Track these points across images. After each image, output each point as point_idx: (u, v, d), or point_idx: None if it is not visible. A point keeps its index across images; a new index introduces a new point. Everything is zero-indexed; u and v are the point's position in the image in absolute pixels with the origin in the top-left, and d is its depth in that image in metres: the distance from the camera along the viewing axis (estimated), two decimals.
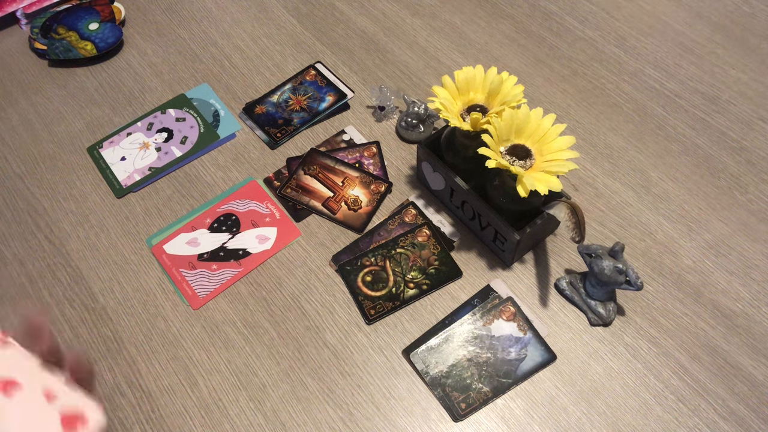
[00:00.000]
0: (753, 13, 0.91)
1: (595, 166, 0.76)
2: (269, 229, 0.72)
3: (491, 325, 0.64)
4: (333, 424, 0.60)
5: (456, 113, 0.65)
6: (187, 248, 0.71)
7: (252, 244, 0.71)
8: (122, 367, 0.63)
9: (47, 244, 0.72)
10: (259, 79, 0.86)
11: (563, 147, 0.61)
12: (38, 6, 0.92)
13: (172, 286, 0.68)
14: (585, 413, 0.60)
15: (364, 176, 0.75)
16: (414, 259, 0.69)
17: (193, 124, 0.81)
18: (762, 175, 0.75)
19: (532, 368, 0.62)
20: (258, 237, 0.71)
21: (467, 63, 0.86)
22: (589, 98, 0.82)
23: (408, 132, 0.78)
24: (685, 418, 0.59)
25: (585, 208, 0.72)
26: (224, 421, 0.60)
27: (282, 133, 0.80)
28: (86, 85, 0.86)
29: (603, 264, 0.61)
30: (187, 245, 0.71)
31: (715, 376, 0.61)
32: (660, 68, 0.85)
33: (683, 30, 0.89)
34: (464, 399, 0.60)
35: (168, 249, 0.71)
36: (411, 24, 0.91)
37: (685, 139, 0.78)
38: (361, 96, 0.83)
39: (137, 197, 0.75)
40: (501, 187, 0.63)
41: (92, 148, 0.80)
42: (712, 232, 0.71)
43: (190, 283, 0.68)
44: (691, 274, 0.68)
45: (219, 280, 0.68)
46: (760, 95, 0.82)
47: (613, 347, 0.63)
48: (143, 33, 0.92)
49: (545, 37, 0.89)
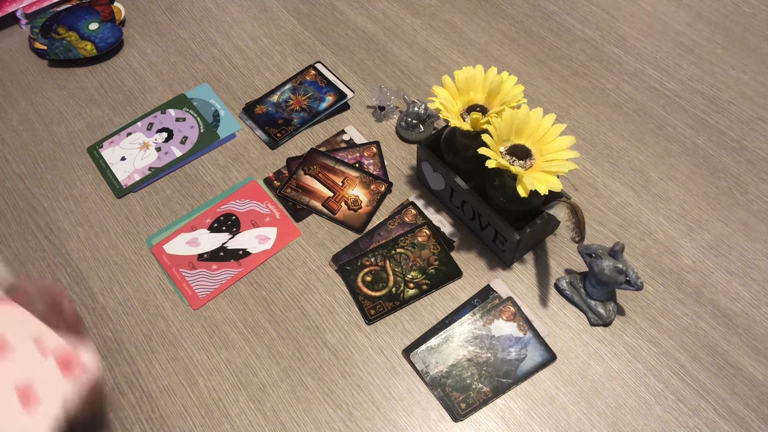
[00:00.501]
0: (753, 13, 0.91)
1: (595, 166, 0.76)
2: (269, 229, 0.72)
3: (491, 325, 0.64)
4: (333, 424, 0.60)
5: (456, 113, 0.65)
6: (187, 248, 0.71)
7: (252, 244, 0.71)
8: (122, 367, 0.63)
9: (47, 244, 0.72)
10: (259, 79, 0.86)
11: (563, 147, 0.61)
12: (38, 6, 0.92)
13: (172, 286, 0.68)
14: (585, 413, 0.60)
15: (364, 176, 0.76)
16: (414, 259, 0.69)
17: (193, 124, 0.81)
18: (762, 175, 0.75)
19: (532, 368, 0.62)
20: (258, 237, 0.71)
21: (467, 63, 0.86)
22: (589, 98, 0.82)
23: (408, 132, 0.78)
24: (685, 418, 0.59)
25: (585, 208, 0.72)
26: (224, 421, 0.60)
27: (282, 133, 0.80)
28: (86, 85, 0.86)
29: (603, 264, 0.61)
30: (187, 245, 0.71)
31: (715, 376, 0.61)
32: (660, 68, 0.85)
33: (683, 30, 0.89)
34: (464, 399, 0.60)
35: (168, 249, 0.71)
36: (411, 24, 0.91)
37: (685, 139, 0.78)
38: (361, 96, 0.83)
39: (137, 197, 0.75)
40: (501, 187, 0.63)
41: (92, 148, 0.80)
42: (712, 232, 0.71)
43: (190, 283, 0.68)
44: (691, 274, 0.68)
45: (219, 280, 0.68)
46: (760, 95, 0.82)
47: (613, 347, 0.63)
48: (143, 33, 0.92)
49: (545, 37, 0.89)
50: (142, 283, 0.69)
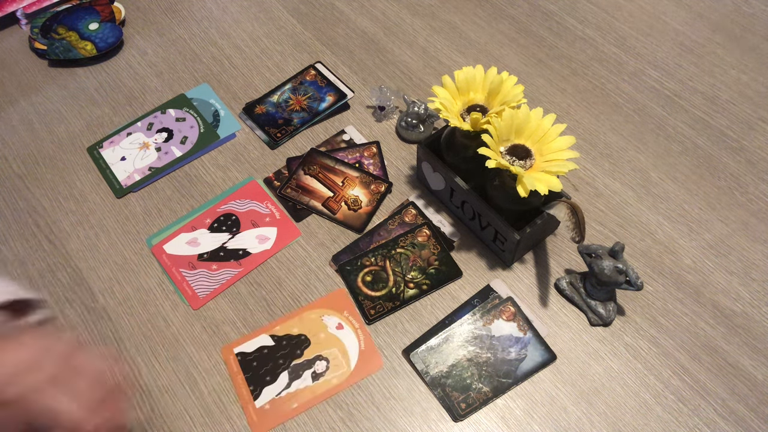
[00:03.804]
0: (753, 13, 0.91)
1: (595, 166, 0.76)
2: (269, 229, 0.72)
3: (491, 325, 0.64)
4: (333, 424, 0.60)
5: (456, 113, 0.65)
6: (187, 248, 0.71)
7: (252, 244, 0.71)
8: (122, 367, 0.63)
9: (47, 244, 0.72)
10: (259, 79, 0.86)
11: (563, 147, 0.61)
12: (38, 6, 0.92)
13: (172, 286, 0.68)
14: (585, 413, 0.60)
15: (364, 176, 0.75)
16: (414, 259, 0.69)
17: (193, 124, 0.81)
18: (762, 175, 0.75)
19: (532, 368, 0.62)
20: (258, 237, 0.71)
21: (467, 63, 0.86)
22: (589, 98, 0.82)
23: (408, 132, 0.78)
24: (685, 418, 0.59)
25: (585, 208, 0.72)
26: (224, 421, 0.60)
27: (282, 133, 0.80)
28: (86, 85, 0.86)
29: (603, 264, 0.61)
30: (187, 245, 0.71)
31: (715, 376, 0.61)
32: (660, 68, 0.85)
33: (683, 30, 0.89)
34: (464, 399, 0.60)
35: (168, 249, 0.71)
36: (411, 24, 0.91)
37: (685, 139, 0.78)
38: (361, 96, 0.83)
39: (137, 197, 0.75)
40: (501, 187, 0.63)
41: (92, 148, 0.80)
42: (712, 232, 0.71)
43: (190, 283, 0.68)
44: (691, 274, 0.68)
45: (219, 280, 0.68)
46: (760, 95, 0.82)
47: (613, 347, 0.63)
48: (143, 33, 0.92)
49: (545, 37, 0.89)
50: (142, 283, 0.69)
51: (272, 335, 0.64)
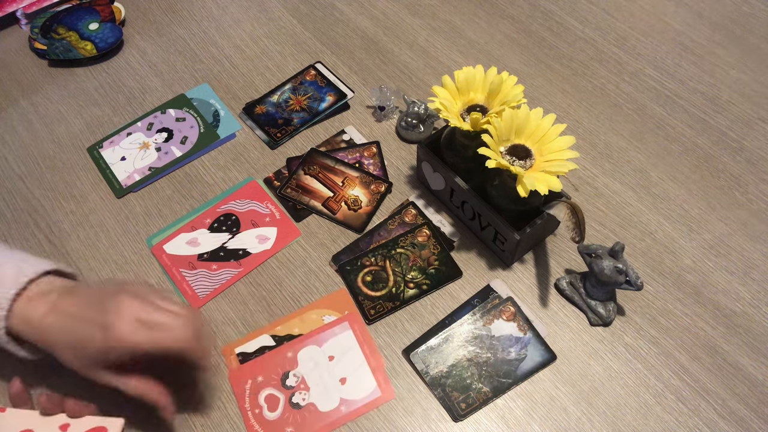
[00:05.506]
0: (753, 13, 0.91)
1: (595, 166, 0.76)
2: (269, 229, 0.72)
3: (491, 325, 0.64)
4: None
5: (456, 113, 0.65)
6: (187, 248, 0.71)
7: (252, 244, 0.71)
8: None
9: (47, 244, 0.72)
10: (259, 79, 0.86)
11: (563, 147, 0.61)
12: (38, 6, 0.92)
13: (172, 286, 0.68)
14: (585, 413, 0.60)
15: (364, 176, 0.76)
16: (414, 259, 0.69)
17: (193, 124, 0.81)
18: (762, 175, 0.75)
19: (532, 368, 0.62)
20: (258, 237, 0.71)
21: (467, 63, 0.86)
22: (589, 98, 0.82)
23: (408, 132, 0.78)
24: (685, 418, 0.59)
25: (585, 208, 0.72)
26: (224, 422, 0.60)
27: (282, 133, 0.80)
28: (86, 85, 0.86)
29: (603, 264, 0.61)
30: (187, 245, 0.71)
31: (715, 376, 0.61)
32: (660, 68, 0.85)
33: (683, 30, 0.89)
34: (464, 399, 0.60)
35: (168, 249, 0.71)
36: (411, 24, 0.91)
37: (685, 139, 0.78)
38: (361, 96, 0.83)
39: (137, 197, 0.75)
40: (501, 187, 0.63)
41: (92, 148, 0.80)
42: (712, 232, 0.71)
43: (190, 283, 0.68)
44: (691, 274, 0.68)
45: (219, 280, 0.68)
46: (760, 95, 0.82)
47: (613, 347, 0.63)
48: (143, 33, 0.92)
49: (545, 37, 0.89)
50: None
51: (273, 335, 0.64)
